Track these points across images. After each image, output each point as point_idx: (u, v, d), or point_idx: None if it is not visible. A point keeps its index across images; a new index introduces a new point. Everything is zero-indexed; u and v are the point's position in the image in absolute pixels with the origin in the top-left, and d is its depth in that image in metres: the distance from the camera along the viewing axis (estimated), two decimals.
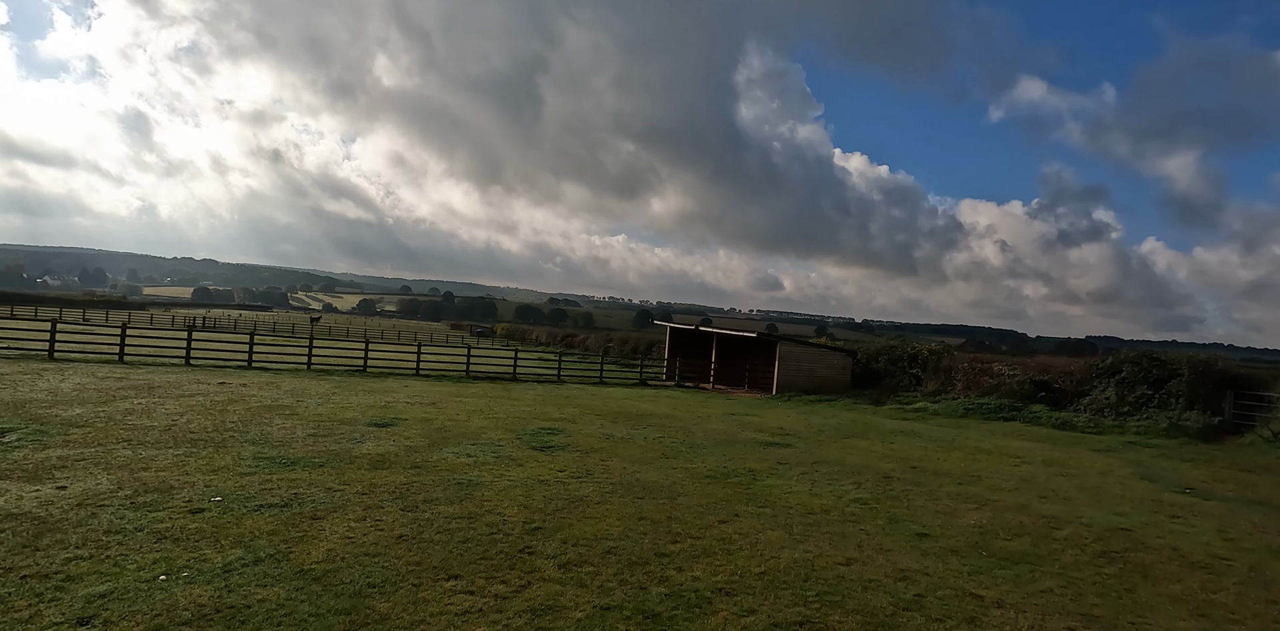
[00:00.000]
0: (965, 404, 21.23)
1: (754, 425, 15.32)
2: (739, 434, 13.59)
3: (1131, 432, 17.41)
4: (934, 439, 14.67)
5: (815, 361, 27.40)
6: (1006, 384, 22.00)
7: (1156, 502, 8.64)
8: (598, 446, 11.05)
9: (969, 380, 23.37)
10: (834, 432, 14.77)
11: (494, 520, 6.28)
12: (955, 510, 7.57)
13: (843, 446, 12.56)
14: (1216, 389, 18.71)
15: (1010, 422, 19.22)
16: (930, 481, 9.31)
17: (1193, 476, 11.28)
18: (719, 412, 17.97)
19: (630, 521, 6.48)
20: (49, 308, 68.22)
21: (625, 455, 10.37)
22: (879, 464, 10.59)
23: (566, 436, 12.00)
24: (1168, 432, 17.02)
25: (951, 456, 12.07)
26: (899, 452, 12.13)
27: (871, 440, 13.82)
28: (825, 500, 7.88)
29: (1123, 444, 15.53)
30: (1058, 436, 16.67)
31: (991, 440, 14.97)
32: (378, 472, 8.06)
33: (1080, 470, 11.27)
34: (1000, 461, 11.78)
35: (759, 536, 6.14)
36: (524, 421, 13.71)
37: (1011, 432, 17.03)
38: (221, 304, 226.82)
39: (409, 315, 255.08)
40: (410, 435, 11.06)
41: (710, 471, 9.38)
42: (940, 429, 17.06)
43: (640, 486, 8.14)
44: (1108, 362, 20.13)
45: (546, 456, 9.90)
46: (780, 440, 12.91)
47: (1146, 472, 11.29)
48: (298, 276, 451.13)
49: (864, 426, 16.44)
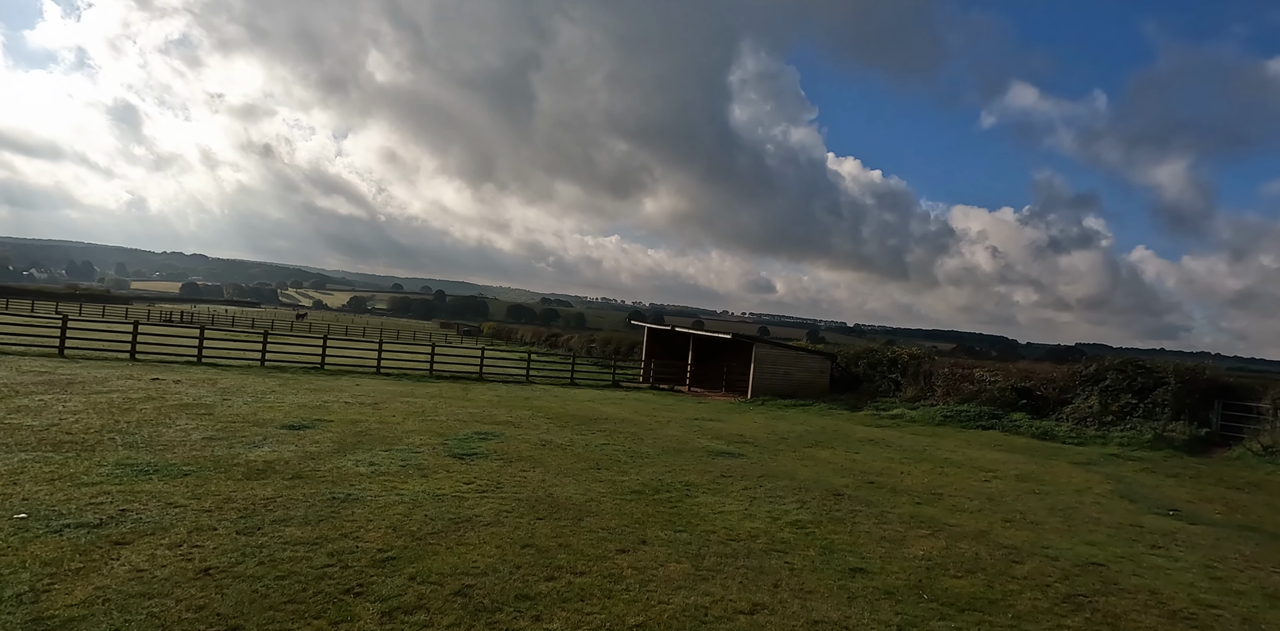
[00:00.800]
0: (944, 411, 20.30)
1: (713, 431, 14.31)
2: (692, 441, 12.58)
3: (1114, 444, 16.49)
4: (903, 449, 13.70)
5: (792, 365, 26.43)
6: (987, 390, 21.08)
7: (1136, 529, 7.66)
8: (527, 454, 10.01)
9: (949, 386, 22.45)
10: (797, 441, 13.77)
11: (342, 547, 5.24)
12: (904, 537, 6.56)
13: (801, 457, 11.56)
14: (1204, 399, 17.82)
15: (989, 431, 18.28)
16: (885, 500, 8.31)
17: (1177, 495, 10.33)
18: (682, 417, 16.96)
19: (511, 549, 5.45)
20: (23, 300, 66.60)
21: (553, 465, 9.34)
22: (833, 478, 9.59)
23: (499, 442, 10.96)
24: (1152, 444, 16.11)
25: (917, 469, 11.09)
26: (860, 465, 11.14)
27: (835, 450, 12.83)
28: (758, 522, 6.86)
29: (1104, 456, 14.60)
30: (1036, 447, 15.73)
31: (965, 451, 14.01)
32: (246, 484, 7.00)
33: (1055, 487, 10.30)
34: (969, 476, 10.80)
35: (657, 572, 5.12)
36: (462, 425, 12.66)
37: (988, 442, 16.08)
38: (210, 299, 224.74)
39: (400, 313, 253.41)
40: (321, 439, 9.99)
41: (640, 485, 8.36)
42: (913, 437, 16.10)
43: (548, 503, 7.11)
44: (1091, 370, 19.22)
45: (462, 466, 8.86)
46: (734, 449, 11.89)
47: (1127, 490, 10.34)
48: (289, 273, 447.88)
49: (832, 434, 15.46)
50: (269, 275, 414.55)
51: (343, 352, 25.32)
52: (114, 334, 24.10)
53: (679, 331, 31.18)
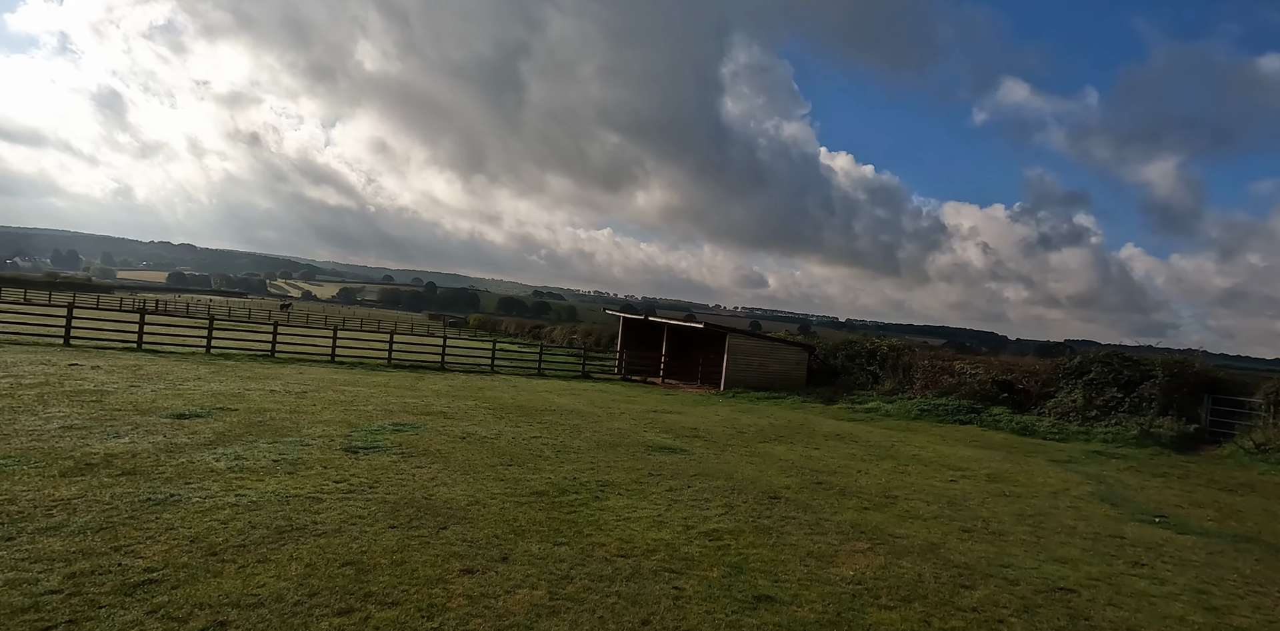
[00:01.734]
0: (921, 404, 19.24)
1: (665, 425, 13.18)
2: (636, 435, 11.43)
3: (1098, 440, 15.46)
4: (869, 444, 12.61)
5: (768, 356, 25.33)
6: (967, 384, 20.03)
7: (1116, 540, 6.55)
8: (436, 448, 8.84)
9: (928, 379, 21.40)
10: (755, 435, 12.66)
11: (99, 565, 4.06)
12: (836, 553, 5.43)
13: (751, 453, 10.43)
14: (1193, 393, 16.82)
15: (966, 426, 17.22)
16: (828, 504, 7.18)
17: (1164, 498, 9.26)
18: (639, 409, 15.81)
19: (325, 569, 4.29)
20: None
21: (459, 461, 8.18)
22: (778, 478, 8.46)
23: (413, 434, 9.79)
24: (1138, 441, 15.08)
25: (877, 468, 9.98)
26: (815, 462, 10.02)
27: (793, 445, 11.72)
28: (665, 532, 5.73)
29: (1086, 453, 13.55)
30: (1015, 443, 14.68)
31: (936, 447, 12.93)
32: (54, 481, 5.81)
33: (1029, 488, 9.21)
34: (933, 475, 9.71)
35: (496, 602, 3.97)
36: (386, 415, 11.48)
37: (963, 438, 15.02)
38: (196, 290, 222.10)
39: (390, 305, 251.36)
40: (203, 430, 8.80)
41: (548, 485, 7.21)
42: (884, 432, 15.02)
43: (418, 507, 5.95)
44: (1075, 362, 18.18)
45: (347, 461, 7.69)
46: (679, 444, 10.75)
47: (1109, 492, 9.25)
48: (278, 263, 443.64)
49: (796, 428, 14.35)
50: (258, 266, 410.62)
51: (296, 342, 24.05)
52: (50, 319, 22.73)
53: (652, 321, 30.01)
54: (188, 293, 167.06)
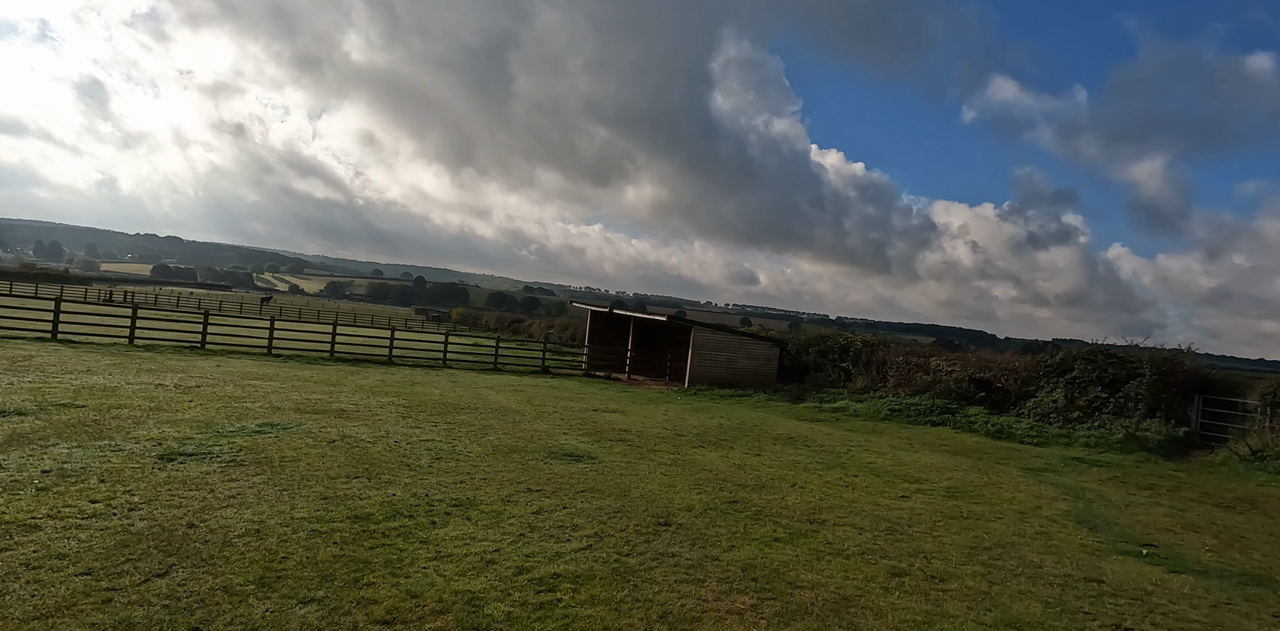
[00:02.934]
0: (892, 403, 17.85)
1: (594, 426, 11.70)
2: (550, 438, 9.95)
3: (1079, 444, 14.10)
4: (823, 450, 11.17)
5: (735, 351, 23.89)
6: (942, 382, 18.66)
7: (1093, 586, 5.09)
8: (283, 455, 7.33)
9: (902, 376, 20.02)
10: (694, 439, 11.19)
11: None
12: (703, 614, 3.94)
13: (674, 462, 8.96)
14: (1182, 394, 15.50)
15: (938, 428, 15.84)
16: (730, 533, 5.71)
17: (1153, 519, 7.85)
18: (577, 408, 14.32)
19: None
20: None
21: (295, 472, 6.67)
22: (685, 495, 6.99)
23: (272, 436, 8.27)
24: (1123, 446, 13.73)
25: (818, 480, 8.53)
26: (745, 473, 8.57)
27: (732, 451, 10.26)
28: (484, 580, 4.25)
29: (1065, 461, 12.16)
30: (988, 448, 13.28)
31: (898, 453, 11.50)
32: None
33: (993, 507, 7.78)
34: (884, 489, 8.27)
35: None
36: (267, 413, 9.97)
37: (932, 441, 13.61)
38: (180, 282, 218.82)
39: (379, 299, 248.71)
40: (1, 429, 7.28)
41: (383, 506, 5.72)
42: (847, 434, 13.60)
43: (167, 540, 4.45)
44: (1057, 359, 16.82)
45: (145, 472, 6.17)
46: (593, 450, 9.27)
47: (1088, 512, 7.84)
48: (266, 257, 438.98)
49: (746, 430, 12.91)
50: (245, 259, 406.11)
51: (229, 333, 22.46)
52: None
53: (617, 314, 28.53)
54: (170, 285, 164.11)
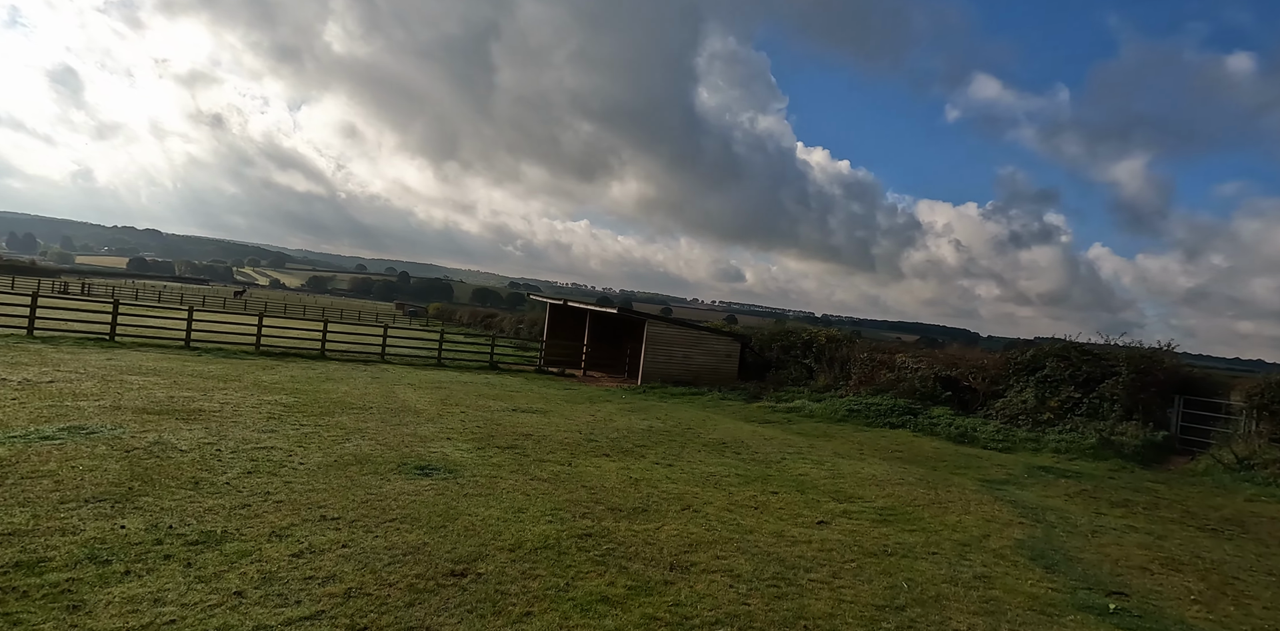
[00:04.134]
0: (852, 403, 16.47)
1: (495, 430, 10.18)
2: (425, 447, 8.41)
3: (1049, 450, 12.76)
4: (753, 458, 9.73)
5: (693, 346, 22.45)
6: (907, 380, 17.31)
7: None
8: (42, 467, 5.75)
9: (864, 374, 18.66)
10: (604, 445, 9.70)
11: None
12: None
13: (555, 475, 7.46)
14: (1161, 394, 14.24)
15: (897, 430, 14.46)
16: (546, 586, 4.21)
17: (1125, 550, 6.45)
18: (494, 407, 12.79)
19: None
20: None
21: (33, 491, 5.12)
22: (533, 525, 5.49)
23: (56, 444, 6.68)
24: (1096, 452, 12.41)
25: (727, 498, 7.07)
26: (637, 490, 7.09)
27: (642, 460, 8.78)
28: None
29: (1031, 470, 10.79)
30: (947, 454, 11.90)
31: (839, 462, 10.07)
32: None
33: (930, 536, 6.35)
34: (801, 511, 6.83)
35: None
36: (99, 414, 8.36)
37: (886, 446, 12.21)
38: (156, 276, 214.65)
39: (362, 294, 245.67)
40: None
41: (80, 545, 4.17)
42: (792, 438, 12.17)
43: None
44: (1027, 356, 15.48)
45: None
46: (463, 461, 7.75)
47: (1046, 542, 6.42)
48: (247, 251, 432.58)
49: (677, 434, 11.44)
50: (226, 253, 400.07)
51: (144, 324, 20.75)
52: None
53: (572, 306, 27.01)
54: (145, 279, 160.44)
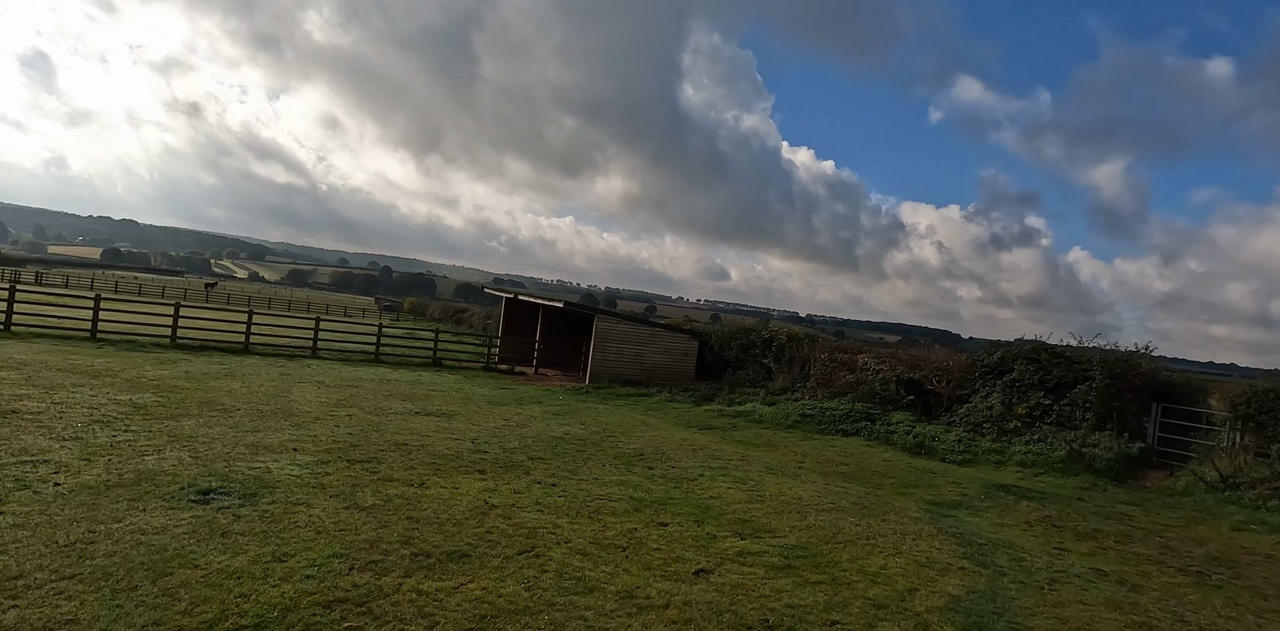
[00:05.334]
0: (805, 407, 15.10)
1: (369, 438, 8.66)
2: (242, 462, 6.90)
3: (1014, 464, 11.45)
4: (665, 474, 8.30)
5: (646, 344, 21.02)
6: (867, 382, 15.97)
7: None
8: None
9: (824, 375, 17.32)
10: (493, 458, 8.23)
11: None
12: None
13: (390, 499, 5.98)
14: (1138, 401, 13.00)
15: (849, 438, 13.10)
16: None
17: (1090, 611, 5.04)
18: (398, 409, 11.27)
19: None
20: None
21: None
22: (269, 586, 4.02)
23: None
24: (1065, 466, 11.11)
25: (592, 533, 5.64)
26: (482, 522, 5.62)
27: (525, 477, 7.33)
28: None
29: (990, 489, 9.45)
30: (898, 468, 10.54)
31: (768, 479, 8.65)
32: None
33: (838, 592, 4.96)
34: (680, 554, 5.41)
35: None
36: None
37: (831, 459, 10.83)
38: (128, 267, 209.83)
39: (343, 289, 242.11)
40: None
41: None
42: (729, 447, 10.76)
43: None
44: (995, 358, 14.17)
45: None
46: (277, 480, 6.26)
47: (987, 599, 5.04)
48: (226, 243, 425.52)
49: (593, 444, 9.98)
50: (204, 245, 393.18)
51: (42, 315, 19.05)
52: None
53: (522, 300, 25.48)
54: (118, 269, 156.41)
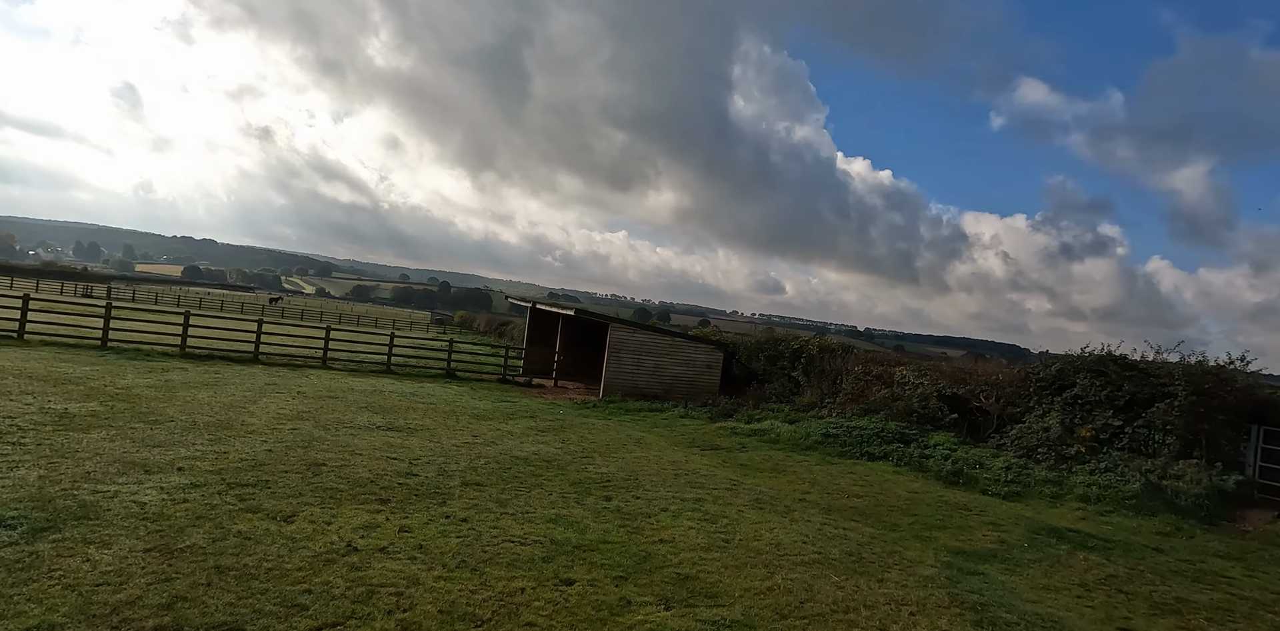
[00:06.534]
0: (830, 425, 13.33)
1: (296, 455, 7.56)
2: (93, 486, 5.85)
3: (1073, 498, 9.47)
4: (623, 507, 6.86)
5: (666, 356, 19.56)
6: (903, 398, 14.07)
7: None
8: None
9: (856, 390, 15.47)
10: (423, 482, 6.97)
11: None
12: None
13: (240, 534, 4.76)
14: (1232, 424, 10.75)
15: (875, 463, 11.30)
16: None
17: None
18: (363, 424, 10.18)
19: None
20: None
21: None
22: None
23: None
24: (1138, 503, 9.08)
25: (477, 592, 4.27)
26: (320, 577, 4.34)
27: (439, 509, 6.03)
28: None
29: (1036, 534, 7.59)
30: (923, 503, 8.75)
31: (745, 517, 7.08)
32: None
33: None
34: None
35: None
36: None
37: (844, 489, 9.12)
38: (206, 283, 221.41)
39: (402, 303, 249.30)
40: None
41: None
42: (725, 472, 9.21)
43: None
44: (1053, 370, 12.10)
45: None
46: (122, 507, 5.15)
47: None
48: (296, 260, 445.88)
49: (560, 465, 8.62)
50: (276, 262, 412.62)
51: (57, 324, 19.11)
52: None
53: (540, 309, 24.43)
54: (196, 286, 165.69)
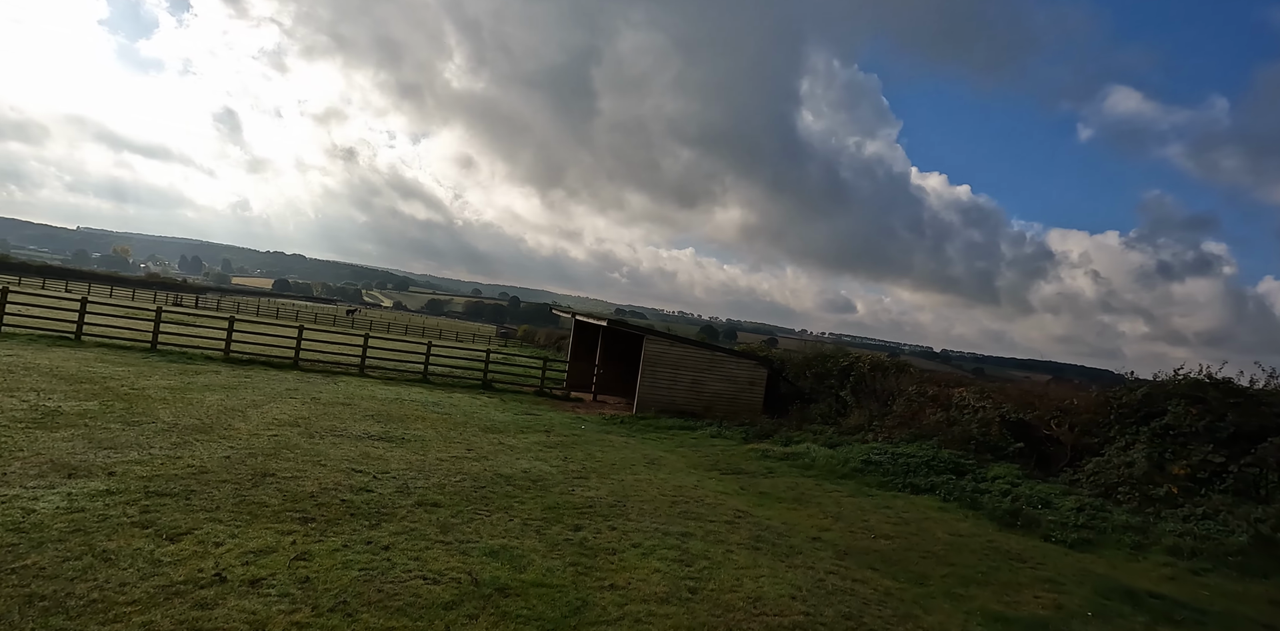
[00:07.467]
0: (873, 451, 11.90)
1: (256, 464, 6.98)
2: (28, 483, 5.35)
3: (1160, 550, 7.83)
4: (590, 541, 5.88)
5: (706, 371, 18.43)
6: (960, 423, 12.48)
7: None
8: None
9: (908, 412, 13.92)
10: (374, 499, 6.22)
11: None
12: None
13: (116, 546, 4.10)
14: None
15: (918, 496, 9.85)
16: None
17: None
18: (358, 433, 9.63)
19: None
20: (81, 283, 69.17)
21: None
22: None
23: None
24: (1245, 560, 7.38)
25: None
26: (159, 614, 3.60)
27: (337, 539, 5.24)
28: None
29: (1106, 599, 6.12)
30: (966, 548, 7.35)
31: (733, 559, 5.96)
32: None
33: None
34: None
35: None
36: None
37: (869, 528, 7.81)
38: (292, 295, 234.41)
39: (474, 317, 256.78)
40: None
41: None
42: (731, 499, 8.09)
43: None
44: (1138, 396, 10.33)
45: None
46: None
47: None
48: (376, 275, 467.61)
49: (547, 484, 7.73)
50: (358, 277, 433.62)
51: (110, 326, 19.82)
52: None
53: (580, 321, 23.73)
54: (283, 298, 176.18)
